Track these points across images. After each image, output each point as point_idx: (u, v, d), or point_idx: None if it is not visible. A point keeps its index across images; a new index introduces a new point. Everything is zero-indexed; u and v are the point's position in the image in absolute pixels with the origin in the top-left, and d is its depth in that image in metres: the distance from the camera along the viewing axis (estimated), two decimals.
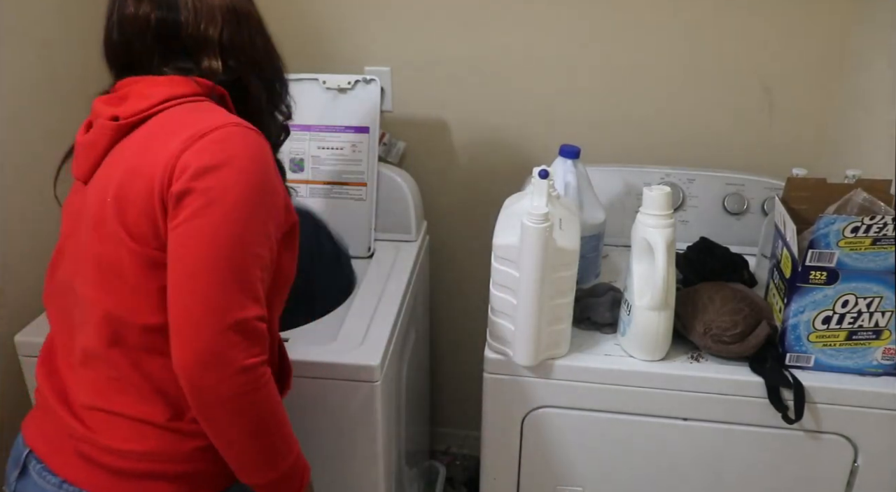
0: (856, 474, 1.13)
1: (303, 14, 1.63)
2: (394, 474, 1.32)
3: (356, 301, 1.32)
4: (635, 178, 1.48)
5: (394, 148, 1.69)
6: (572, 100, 1.63)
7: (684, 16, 1.53)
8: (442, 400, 2.01)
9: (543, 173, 1.07)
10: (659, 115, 1.62)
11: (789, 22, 1.51)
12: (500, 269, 1.10)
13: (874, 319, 1.07)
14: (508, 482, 1.24)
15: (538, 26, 1.58)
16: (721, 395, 1.11)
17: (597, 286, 1.26)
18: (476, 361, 1.19)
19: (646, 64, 1.58)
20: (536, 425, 1.18)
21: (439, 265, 1.79)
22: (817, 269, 1.05)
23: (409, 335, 1.41)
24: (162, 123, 0.87)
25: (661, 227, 1.06)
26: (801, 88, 1.56)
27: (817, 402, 1.09)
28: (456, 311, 1.88)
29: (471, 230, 1.77)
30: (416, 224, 1.54)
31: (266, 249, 0.84)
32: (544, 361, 1.13)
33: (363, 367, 1.15)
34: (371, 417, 1.18)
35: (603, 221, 1.32)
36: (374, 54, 1.65)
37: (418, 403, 1.61)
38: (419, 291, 1.52)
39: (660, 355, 1.13)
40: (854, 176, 1.15)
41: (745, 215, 1.45)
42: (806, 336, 1.10)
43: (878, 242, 1.02)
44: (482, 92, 1.65)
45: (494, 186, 1.69)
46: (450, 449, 2.08)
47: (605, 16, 1.55)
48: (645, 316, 1.10)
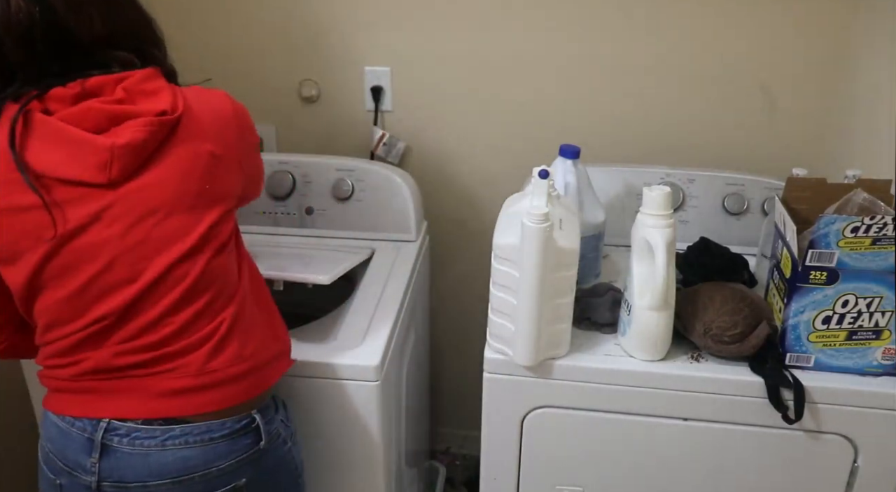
0: (856, 474, 1.13)
1: (303, 14, 1.63)
2: (394, 474, 1.32)
3: (356, 301, 1.32)
4: (635, 178, 1.48)
5: (394, 148, 1.69)
6: (572, 100, 1.63)
7: (684, 16, 1.53)
8: (442, 400, 2.01)
9: (543, 173, 1.07)
10: (659, 115, 1.62)
11: (789, 22, 1.51)
12: (500, 269, 1.10)
13: (874, 319, 1.07)
14: (508, 482, 1.24)
15: (539, 26, 1.58)
16: (721, 395, 1.11)
17: (597, 286, 1.26)
18: (476, 362, 1.19)
19: (646, 64, 1.58)
20: (536, 425, 1.18)
21: (439, 265, 1.79)
22: (817, 269, 1.05)
23: (409, 335, 1.41)
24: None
25: (661, 227, 1.06)
26: (800, 88, 1.56)
27: (817, 402, 1.09)
28: (456, 311, 1.88)
29: (471, 230, 1.77)
30: (416, 224, 1.54)
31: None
32: (544, 361, 1.13)
33: (363, 367, 1.15)
34: (371, 417, 1.18)
35: (603, 221, 1.32)
36: (374, 54, 1.65)
37: (418, 403, 1.61)
38: (419, 291, 1.52)
39: (660, 355, 1.13)
40: (854, 176, 1.15)
41: (745, 215, 1.45)
42: (806, 336, 1.10)
43: (878, 242, 1.02)
44: (482, 92, 1.65)
45: (494, 186, 1.70)
46: (450, 449, 2.08)
47: (604, 16, 1.55)
48: (645, 316, 1.10)
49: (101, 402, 0.96)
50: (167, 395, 0.95)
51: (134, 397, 0.95)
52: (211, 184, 0.95)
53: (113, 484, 0.96)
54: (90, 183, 0.90)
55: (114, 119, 0.91)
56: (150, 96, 0.93)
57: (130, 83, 0.93)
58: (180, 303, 0.94)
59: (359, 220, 1.54)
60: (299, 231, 1.55)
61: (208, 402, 0.97)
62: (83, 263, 0.92)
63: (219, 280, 0.97)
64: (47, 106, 0.91)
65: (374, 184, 1.53)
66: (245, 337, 1.00)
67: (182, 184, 0.93)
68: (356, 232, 1.54)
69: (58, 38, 0.90)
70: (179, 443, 0.95)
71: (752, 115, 1.59)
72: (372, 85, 1.67)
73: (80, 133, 0.89)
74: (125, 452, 0.95)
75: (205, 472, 0.96)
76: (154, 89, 0.94)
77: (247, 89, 1.70)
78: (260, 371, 1.02)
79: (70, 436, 0.97)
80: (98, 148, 0.89)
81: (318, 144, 1.74)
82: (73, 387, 0.97)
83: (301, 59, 1.67)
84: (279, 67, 1.68)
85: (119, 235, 0.91)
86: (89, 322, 0.93)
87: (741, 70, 1.56)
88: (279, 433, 1.04)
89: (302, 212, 1.54)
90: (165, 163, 0.92)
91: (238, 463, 0.98)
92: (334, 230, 1.54)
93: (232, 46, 1.68)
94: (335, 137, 1.74)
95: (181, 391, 0.96)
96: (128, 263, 0.92)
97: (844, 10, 1.48)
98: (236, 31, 1.67)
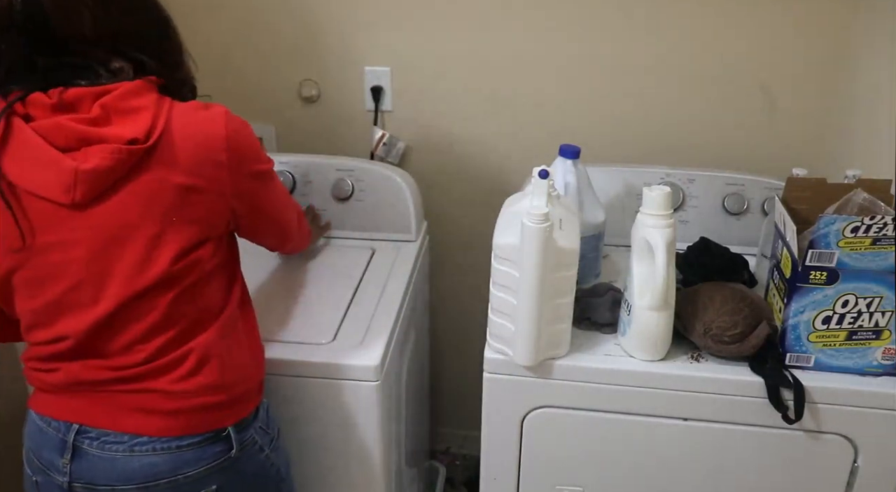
0: (856, 474, 1.13)
1: (303, 14, 1.63)
2: (394, 474, 1.32)
3: (356, 301, 1.32)
4: (635, 178, 1.48)
5: (394, 148, 1.69)
6: (572, 100, 1.63)
7: (684, 16, 1.53)
8: (442, 400, 2.01)
9: (543, 173, 1.07)
10: (659, 115, 1.62)
11: (789, 22, 1.51)
12: (500, 269, 1.10)
13: (874, 319, 1.07)
14: (508, 482, 1.24)
15: (539, 26, 1.58)
16: (721, 395, 1.11)
17: (597, 286, 1.26)
18: (476, 361, 1.19)
19: (646, 64, 1.58)
20: (536, 425, 1.18)
21: (439, 265, 1.79)
22: (817, 269, 1.05)
23: (409, 335, 1.41)
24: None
25: (661, 227, 1.06)
26: (800, 88, 1.56)
27: (817, 402, 1.09)
28: (456, 311, 1.88)
29: (471, 230, 1.77)
30: (416, 224, 1.54)
31: None
32: (544, 361, 1.13)
33: (363, 367, 1.15)
34: (371, 417, 1.18)
35: (603, 221, 1.32)
36: (374, 54, 1.65)
37: (418, 403, 1.61)
38: (419, 291, 1.52)
39: (660, 355, 1.13)
40: (854, 176, 1.15)
41: (745, 215, 1.45)
42: (806, 336, 1.09)
43: (878, 242, 1.02)
44: (482, 92, 1.65)
45: (494, 186, 1.70)
46: (450, 449, 2.08)
47: (605, 16, 1.55)
48: (645, 316, 1.10)
49: (74, 407, 0.96)
50: (137, 411, 0.95)
51: (104, 409, 0.95)
52: (179, 216, 0.91)
53: (84, 486, 0.96)
54: (57, 202, 0.88)
55: (83, 140, 0.87)
56: (127, 116, 0.89)
57: (110, 99, 0.89)
58: (149, 333, 0.93)
59: (359, 220, 1.53)
60: None
61: (180, 426, 0.96)
62: (51, 279, 0.91)
63: (195, 310, 0.95)
64: (28, 111, 0.88)
65: (374, 184, 1.53)
66: (226, 365, 0.98)
67: (147, 213, 0.90)
68: (356, 232, 1.54)
69: (38, 31, 0.86)
70: (147, 450, 0.95)
71: (752, 115, 1.59)
72: (372, 85, 1.67)
73: (49, 151, 0.87)
74: (95, 455, 0.95)
75: (172, 479, 0.96)
76: (135, 108, 0.89)
77: (247, 89, 1.72)
78: (238, 403, 1.01)
79: (47, 435, 0.97)
80: (63, 170, 0.86)
81: (318, 144, 1.74)
82: (51, 389, 0.97)
83: (301, 59, 1.67)
84: (279, 67, 1.68)
85: (84, 258, 0.90)
86: (57, 337, 0.93)
87: (741, 70, 1.56)
88: (254, 441, 1.03)
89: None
90: (132, 190, 0.89)
91: (207, 471, 0.97)
92: (334, 230, 1.54)
93: (232, 46, 1.68)
94: (335, 137, 1.74)
95: (151, 411, 0.95)
96: (92, 285, 0.91)
97: (844, 10, 1.48)
98: (237, 31, 1.67)
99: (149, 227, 0.90)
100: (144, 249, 0.90)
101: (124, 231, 0.89)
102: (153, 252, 0.91)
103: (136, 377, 0.94)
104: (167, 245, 0.91)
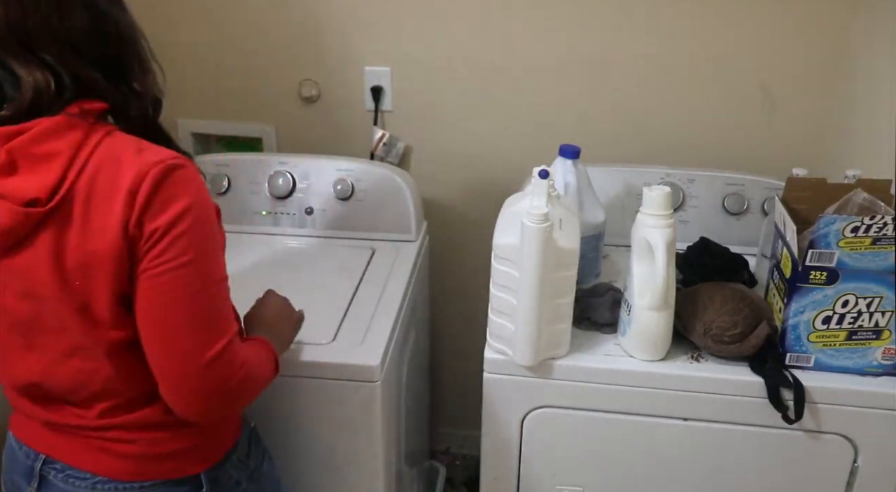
0: (856, 474, 1.13)
1: (303, 15, 1.63)
2: (394, 474, 1.32)
3: (356, 301, 1.32)
4: (635, 178, 1.48)
5: (394, 148, 1.69)
6: (573, 100, 1.63)
7: (684, 16, 1.53)
8: (442, 400, 2.01)
9: (543, 173, 1.07)
10: (659, 115, 1.62)
11: (789, 22, 1.51)
12: (500, 269, 1.10)
13: (874, 319, 1.07)
14: (508, 482, 1.24)
15: (539, 26, 1.58)
16: (721, 395, 1.11)
17: (597, 286, 1.26)
18: (476, 361, 1.19)
19: (646, 64, 1.58)
20: (536, 425, 1.18)
21: (439, 265, 1.79)
22: (817, 269, 1.05)
23: (409, 335, 1.41)
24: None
25: (661, 227, 1.06)
26: (800, 88, 1.56)
27: (817, 402, 1.09)
28: (456, 311, 1.88)
29: (471, 230, 1.77)
30: (416, 224, 1.54)
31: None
32: (544, 361, 1.13)
33: (363, 367, 1.15)
34: (371, 417, 1.18)
35: (603, 221, 1.32)
36: (374, 54, 1.65)
37: (418, 403, 1.61)
38: (419, 290, 1.52)
39: (660, 355, 1.13)
40: (854, 176, 1.15)
41: (745, 215, 1.45)
42: (806, 336, 1.10)
43: (878, 242, 1.02)
44: (482, 92, 1.65)
45: (494, 186, 1.70)
46: (450, 449, 2.08)
47: (605, 16, 1.55)
48: (645, 316, 1.10)
49: (43, 437, 0.93)
50: (101, 452, 0.91)
51: (70, 446, 0.92)
52: (83, 281, 0.79)
53: None
54: None
55: None
56: (37, 165, 0.76)
57: (21, 142, 0.75)
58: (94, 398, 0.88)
59: (359, 220, 1.53)
60: (299, 231, 1.55)
61: (144, 472, 0.92)
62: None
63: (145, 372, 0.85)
64: None
65: (374, 184, 1.53)
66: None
67: (55, 274, 0.79)
68: (356, 232, 1.54)
69: None
70: (109, 488, 0.91)
71: (752, 115, 1.59)
72: (372, 85, 1.67)
73: None
74: (59, 487, 0.92)
75: None
76: (48, 153, 0.75)
77: (247, 89, 1.71)
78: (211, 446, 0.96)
79: (17, 459, 0.95)
80: None
81: (318, 144, 1.73)
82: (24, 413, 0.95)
83: (301, 59, 1.67)
84: (279, 67, 1.68)
85: (10, 309, 0.83)
86: (8, 382, 0.91)
87: (741, 70, 1.56)
88: (229, 477, 0.98)
89: (302, 212, 1.54)
90: (37, 248, 0.78)
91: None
92: (334, 230, 1.54)
93: (232, 46, 1.68)
94: (335, 137, 1.73)
95: (116, 454, 0.91)
96: (21, 339, 0.85)
97: (844, 10, 1.48)
98: (236, 31, 1.67)
99: (60, 289, 0.80)
100: (63, 314, 0.82)
101: (36, 290, 0.80)
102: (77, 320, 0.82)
103: (99, 427, 0.90)
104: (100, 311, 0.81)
